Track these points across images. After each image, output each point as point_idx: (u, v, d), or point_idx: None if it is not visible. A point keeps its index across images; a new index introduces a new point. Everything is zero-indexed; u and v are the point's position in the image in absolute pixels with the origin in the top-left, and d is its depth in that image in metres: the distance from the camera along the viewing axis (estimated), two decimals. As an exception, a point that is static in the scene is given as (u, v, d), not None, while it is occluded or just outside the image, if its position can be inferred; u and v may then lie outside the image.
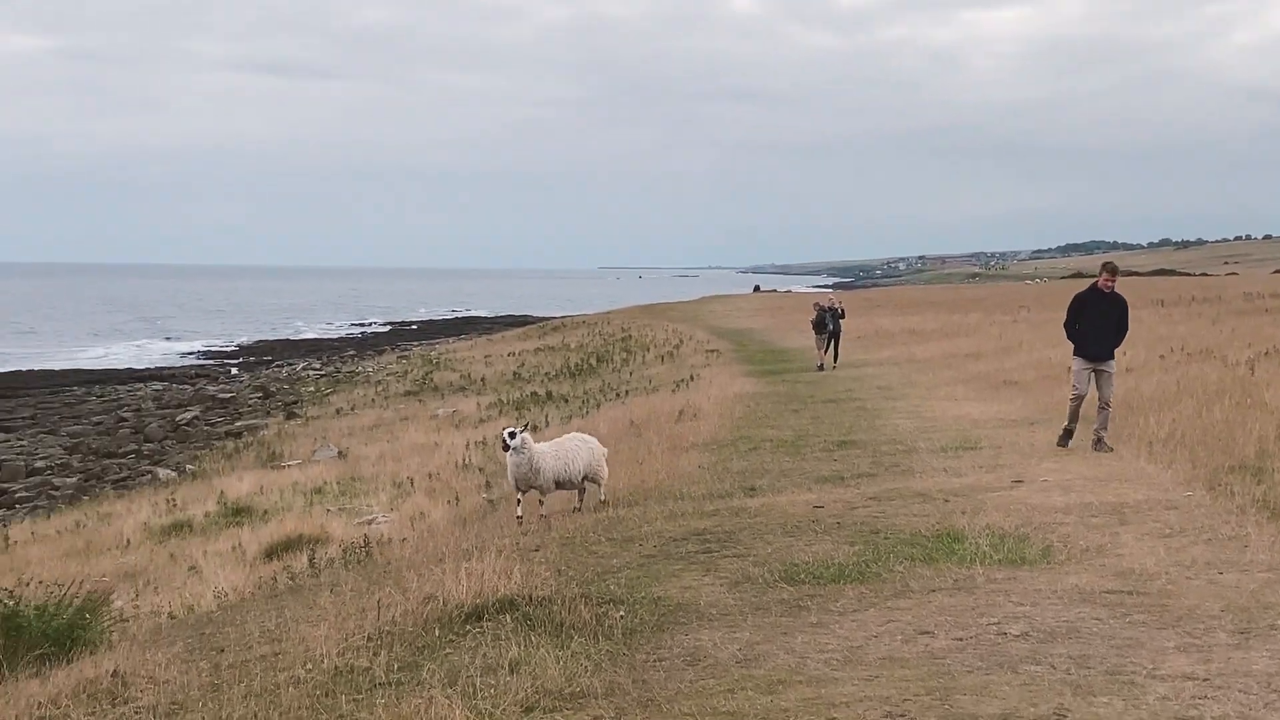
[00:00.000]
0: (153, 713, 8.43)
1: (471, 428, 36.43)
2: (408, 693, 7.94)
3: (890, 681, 7.65)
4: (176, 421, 56.30)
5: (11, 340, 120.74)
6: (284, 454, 37.02)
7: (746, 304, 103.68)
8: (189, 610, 15.15)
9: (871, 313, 69.21)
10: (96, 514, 29.17)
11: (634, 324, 77.46)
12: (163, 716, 8.31)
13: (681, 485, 16.21)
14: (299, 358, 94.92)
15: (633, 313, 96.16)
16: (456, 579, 10.13)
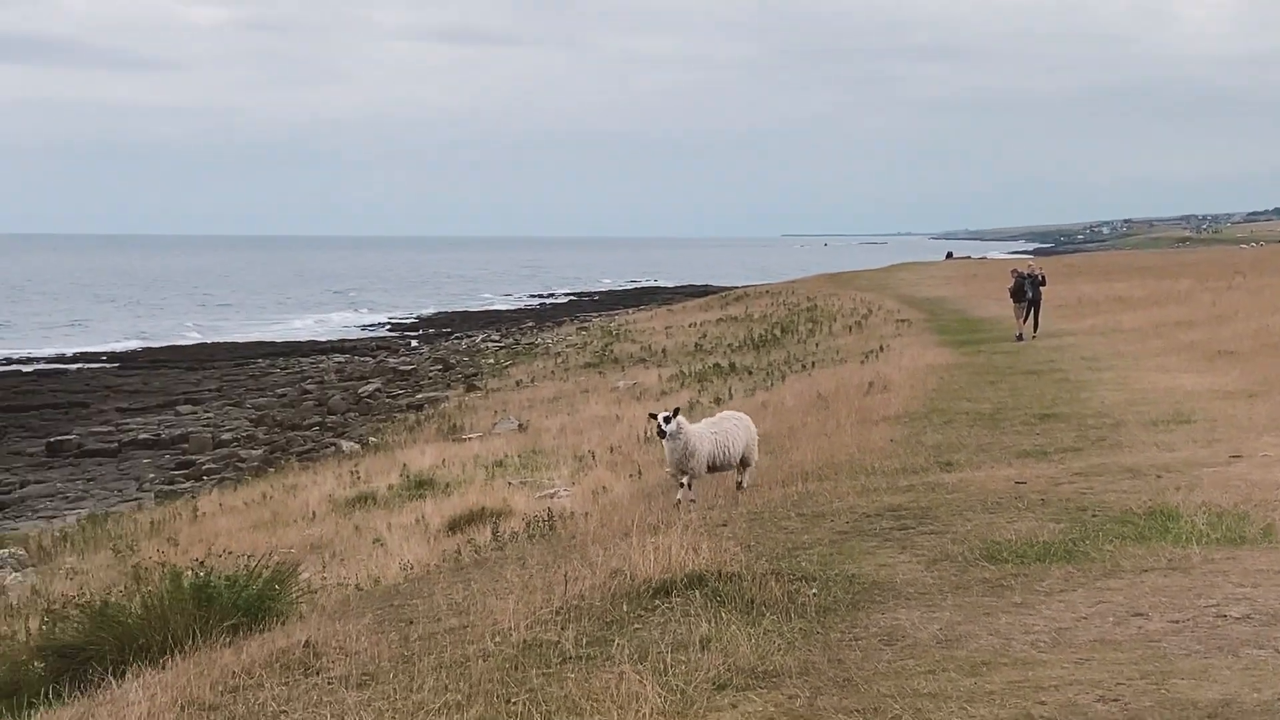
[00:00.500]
0: (345, 683, 8.64)
1: (653, 400, 36.58)
2: (598, 667, 8.03)
3: (1102, 665, 7.51)
4: (359, 394, 57.62)
5: (215, 313, 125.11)
6: (465, 426, 37.64)
7: (938, 271, 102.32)
8: (375, 582, 15.50)
9: (1073, 279, 67.81)
10: (282, 486, 30.00)
11: (819, 293, 77.03)
12: (354, 687, 8.51)
13: (873, 459, 16.09)
14: (478, 330, 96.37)
15: (818, 281, 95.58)
16: (643, 554, 10.19)
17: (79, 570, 22.87)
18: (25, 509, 38.59)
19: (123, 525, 28.03)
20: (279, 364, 77.26)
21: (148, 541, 24.48)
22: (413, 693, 8.11)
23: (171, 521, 27.12)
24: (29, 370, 75.54)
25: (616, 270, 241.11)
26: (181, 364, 77.77)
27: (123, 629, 12.16)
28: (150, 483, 41.40)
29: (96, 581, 20.43)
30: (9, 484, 42.51)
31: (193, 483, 39.47)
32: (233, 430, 51.30)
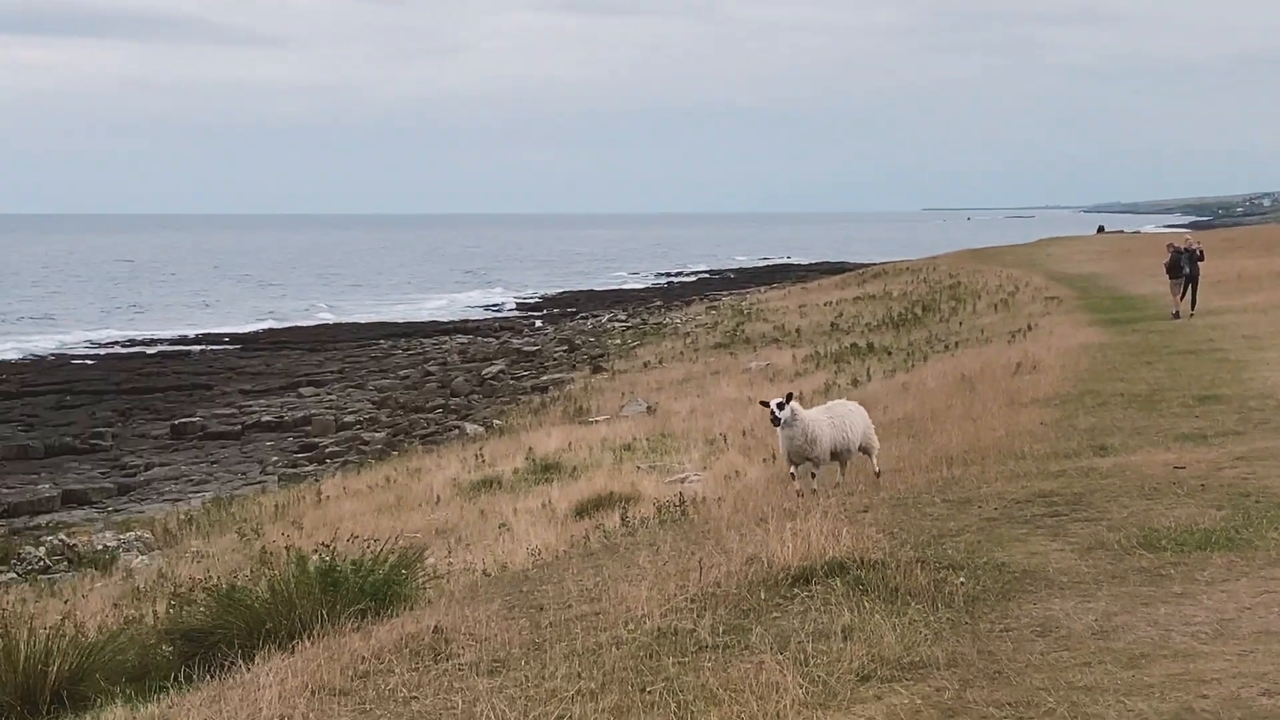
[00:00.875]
0: (475, 670, 8.74)
1: (787, 381, 36.47)
2: (735, 656, 8.03)
3: (1266, 657, 7.37)
4: (482, 375, 58.17)
5: (344, 293, 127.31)
6: (591, 409, 37.83)
7: (1089, 246, 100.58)
8: (503, 568, 15.65)
9: (1233, 254, 66.26)
10: (406, 469, 30.39)
11: (962, 269, 76.21)
12: (485, 674, 8.60)
13: (1022, 443, 15.89)
14: (604, 309, 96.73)
15: (961, 257, 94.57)
16: (780, 540, 10.16)
17: (205, 553, 23.38)
18: (150, 492, 39.53)
19: (247, 508, 28.59)
20: (401, 345, 78.25)
21: (272, 525, 24.97)
22: (545, 680, 8.18)
23: (295, 505, 27.61)
24: (153, 352, 77.27)
25: (748, 247, 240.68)
26: (303, 345, 79.09)
27: (250, 613, 12.40)
28: (273, 465, 42.20)
29: (222, 565, 20.87)
30: (134, 467, 43.58)
31: (316, 466, 40.16)
32: (355, 413, 52.08)
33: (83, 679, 12.07)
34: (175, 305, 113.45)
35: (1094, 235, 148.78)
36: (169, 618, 14.42)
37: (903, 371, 32.92)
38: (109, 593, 20.52)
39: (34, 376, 65.35)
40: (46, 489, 39.35)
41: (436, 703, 8.17)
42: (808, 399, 30.67)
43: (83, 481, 40.87)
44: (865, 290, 71.12)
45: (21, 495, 38.53)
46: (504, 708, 7.63)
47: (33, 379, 64.44)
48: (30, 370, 68.23)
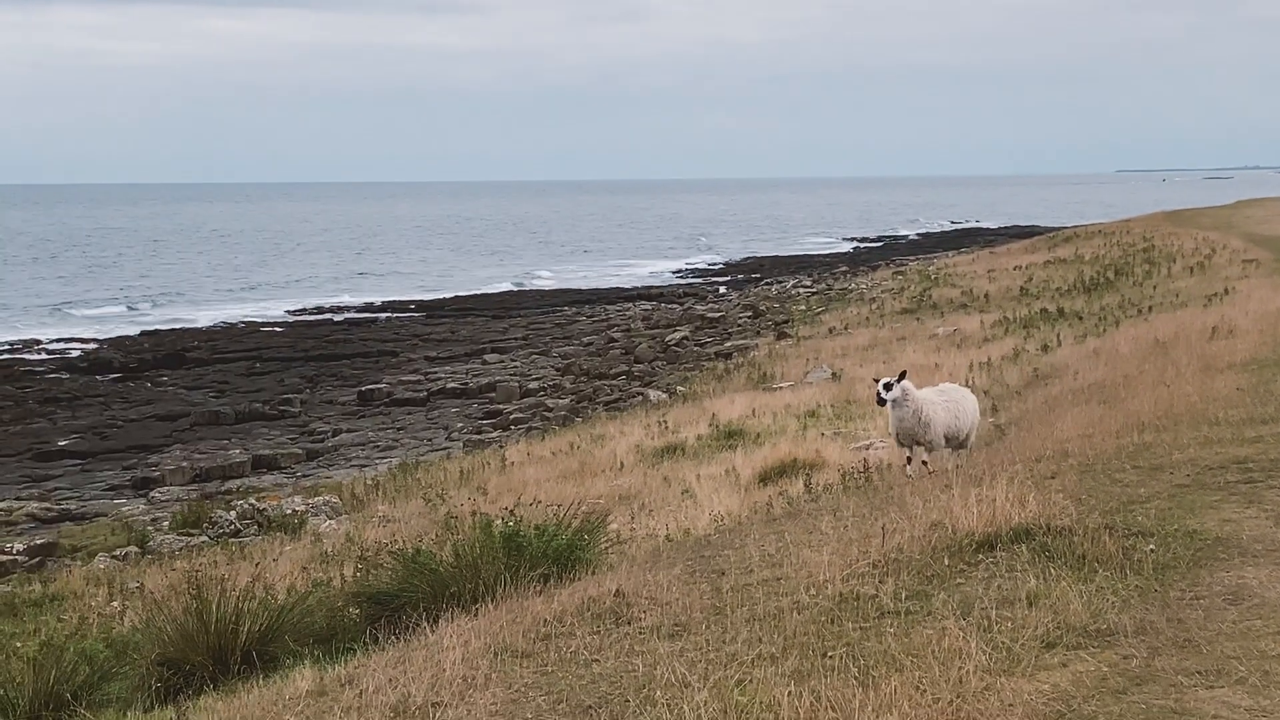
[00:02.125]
0: (656, 633, 8.85)
1: (975, 347, 36.08)
2: (918, 622, 8.03)
3: None
4: (666, 342, 58.45)
5: (562, 258, 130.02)
6: (775, 375, 37.80)
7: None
8: (685, 533, 15.76)
9: None
10: (589, 435, 30.69)
11: (1157, 232, 74.47)
12: (666, 638, 8.71)
13: (1216, 409, 15.53)
14: (788, 275, 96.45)
15: (1155, 220, 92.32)
16: (965, 506, 10.10)
17: (391, 518, 23.88)
18: (338, 457, 40.51)
19: (432, 474, 29.15)
20: (585, 312, 78.93)
21: (457, 490, 25.40)
22: (726, 644, 8.26)
23: (480, 470, 28.05)
24: (340, 320, 79.00)
25: (936, 211, 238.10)
26: (487, 312, 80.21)
27: (435, 576, 12.65)
28: (458, 431, 42.95)
29: (408, 529, 21.30)
30: (322, 433, 44.69)
31: (500, 432, 40.77)
32: (539, 379, 52.72)
33: (272, 640, 12.44)
34: (420, 273, 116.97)
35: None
36: (356, 581, 14.78)
37: (1094, 337, 32.35)
38: (297, 556, 21.07)
39: (225, 343, 67.27)
40: (237, 454, 40.57)
41: (617, 665, 8.30)
42: (996, 364, 30.40)
43: (272, 447, 42.03)
44: (1055, 254, 69.85)
45: (213, 460, 39.78)
46: (684, 671, 7.73)
47: (224, 345, 66.35)
48: (221, 337, 70.24)
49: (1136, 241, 69.30)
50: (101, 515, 32.83)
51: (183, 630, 12.50)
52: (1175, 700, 6.61)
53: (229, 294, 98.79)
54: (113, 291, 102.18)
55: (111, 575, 21.65)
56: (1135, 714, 6.50)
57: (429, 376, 55.95)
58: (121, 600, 18.91)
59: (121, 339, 70.36)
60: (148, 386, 56.22)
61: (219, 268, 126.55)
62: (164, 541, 25.16)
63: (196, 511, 27.29)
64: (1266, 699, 6.53)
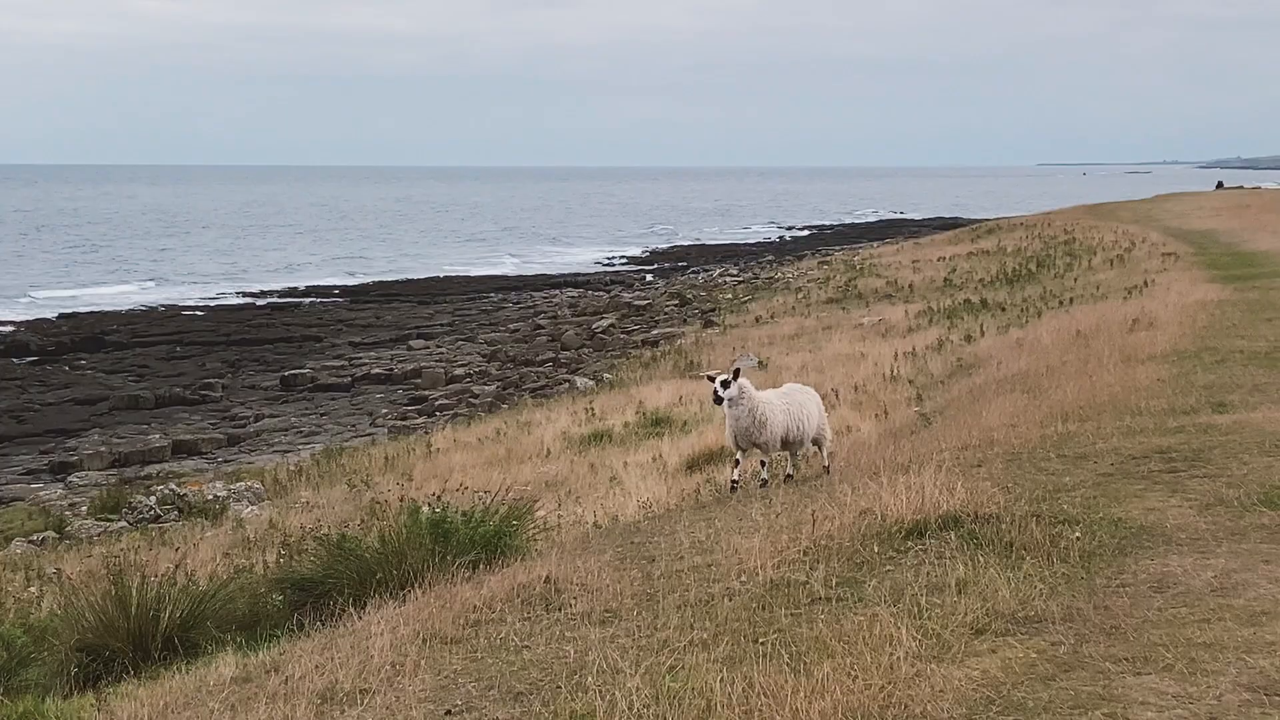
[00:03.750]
0: (587, 620, 8.84)
1: (900, 337, 36.30)
2: (849, 609, 8.06)
3: (1394, 617, 7.26)
4: (592, 329, 58.43)
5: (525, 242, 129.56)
6: (702, 363, 37.87)
7: (1207, 202, 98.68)
8: (614, 520, 15.74)
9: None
10: (516, 422, 30.63)
11: (1078, 225, 75.15)
12: (597, 624, 8.69)
13: (1138, 399, 15.70)
14: (714, 263, 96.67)
15: (1076, 213, 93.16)
16: (894, 493, 10.16)
17: (314, 504, 23.73)
18: (260, 443, 40.19)
19: (357, 460, 28.98)
20: (512, 298, 78.75)
21: (382, 476, 25.29)
22: (657, 630, 8.26)
23: (405, 457, 27.93)
24: (262, 304, 78.35)
25: (859, 202, 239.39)
26: (413, 298, 79.81)
27: (360, 562, 12.58)
28: (383, 418, 42.73)
29: (332, 516, 21.18)
30: (244, 418, 44.32)
31: (425, 418, 40.60)
32: (465, 365, 52.55)
33: (194, 626, 12.33)
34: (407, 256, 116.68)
35: (1212, 191, 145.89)
36: (279, 567, 14.68)
37: (1017, 328, 32.60)
38: (219, 542, 20.89)
39: (145, 327, 66.54)
40: (157, 439, 40.16)
41: (549, 651, 8.27)
42: (920, 354, 30.58)
43: (192, 432, 41.64)
44: (979, 246, 70.37)
45: (132, 445, 39.36)
46: (616, 657, 7.72)
47: (144, 329, 65.63)
48: (141, 321, 69.47)
49: (1058, 234, 69.93)
50: (18, 500, 32.38)
51: (102, 616, 12.36)
52: (1103, 687, 6.66)
53: (149, 278, 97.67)
54: (31, 275, 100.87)
55: (28, 560, 21.35)
56: (1064, 700, 6.55)
57: (353, 362, 55.62)
58: (39, 585, 18.63)
59: (39, 321, 69.42)
60: (65, 370, 55.49)
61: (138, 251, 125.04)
62: (82, 527, 24.85)
63: (115, 497, 26.98)
64: (1193, 685, 6.59)
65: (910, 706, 6.48)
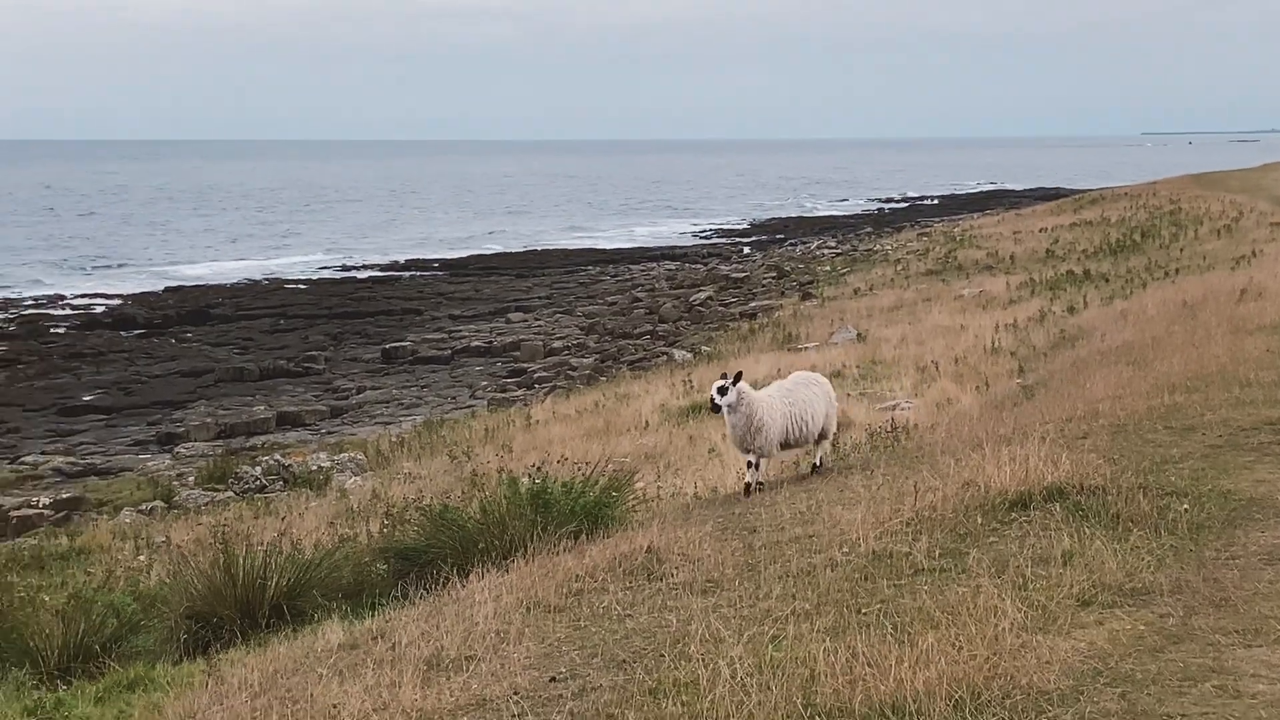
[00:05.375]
0: (689, 589, 8.87)
1: (1000, 309, 35.97)
2: (952, 580, 8.02)
3: None
4: (690, 302, 58.37)
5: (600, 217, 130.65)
6: (800, 335, 37.76)
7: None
8: (713, 491, 15.76)
9: None
10: (614, 394, 30.70)
11: (1183, 195, 74.06)
12: (699, 593, 8.72)
13: (1248, 371, 15.44)
14: (813, 236, 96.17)
15: (1181, 182, 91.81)
16: (997, 465, 10.08)
17: (416, 475, 23.92)
18: (363, 415, 40.57)
19: (457, 431, 29.17)
20: (609, 271, 78.85)
21: (482, 448, 25.44)
22: (759, 600, 8.27)
23: (505, 428, 28.08)
24: (364, 277, 79.04)
25: (959, 174, 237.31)
26: (511, 271, 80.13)
27: (462, 532, 12.69)
28: (482, 390, 42.96)
29: (434, 486, 21.34)
30: (346, 390, 44.76)
31: (524, 390, 40.77)
32: (563, 338, 52.71)
33: (300, 594, 12.51)
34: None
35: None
36: (382, 536, 14.84)
37: (1121, 299, 32.21)
38: (323, 512, 21.12)
39: (248, 300, 67.39)
40: (262, 410, 40.64)
41: (651, 620, 8.31)
42: (1022, 326, 30.29)
43: (296, 404, 42.11)
44: (1082, 216, 69.51)
45: (237, 416, 39.86)
46: (719, 626, 7.74)
47: (247, 302, 66.46)
48: (245, 294, 70.36)
49: (1163, 204, 68.95)
50: (127, 470, 32.96)
51: (211, 584, 12.57)
52: (1213, 659, 6.59)
53: (254, 251, 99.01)
54: (139, 246, 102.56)
55: (138, 529, 21.74)
56: (1172, 672, 6.48)
57: (453, 335, 55.95)
58: (148, 554, 18.99)
59: (145, 295, 70.49)
60: (172, 343, 56.32)
61: (245, 225, 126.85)
62: (189, 497, 25.25)
63: (222, 467, 27.36)
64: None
65: (1016, 678, 6.44)
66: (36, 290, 73.92)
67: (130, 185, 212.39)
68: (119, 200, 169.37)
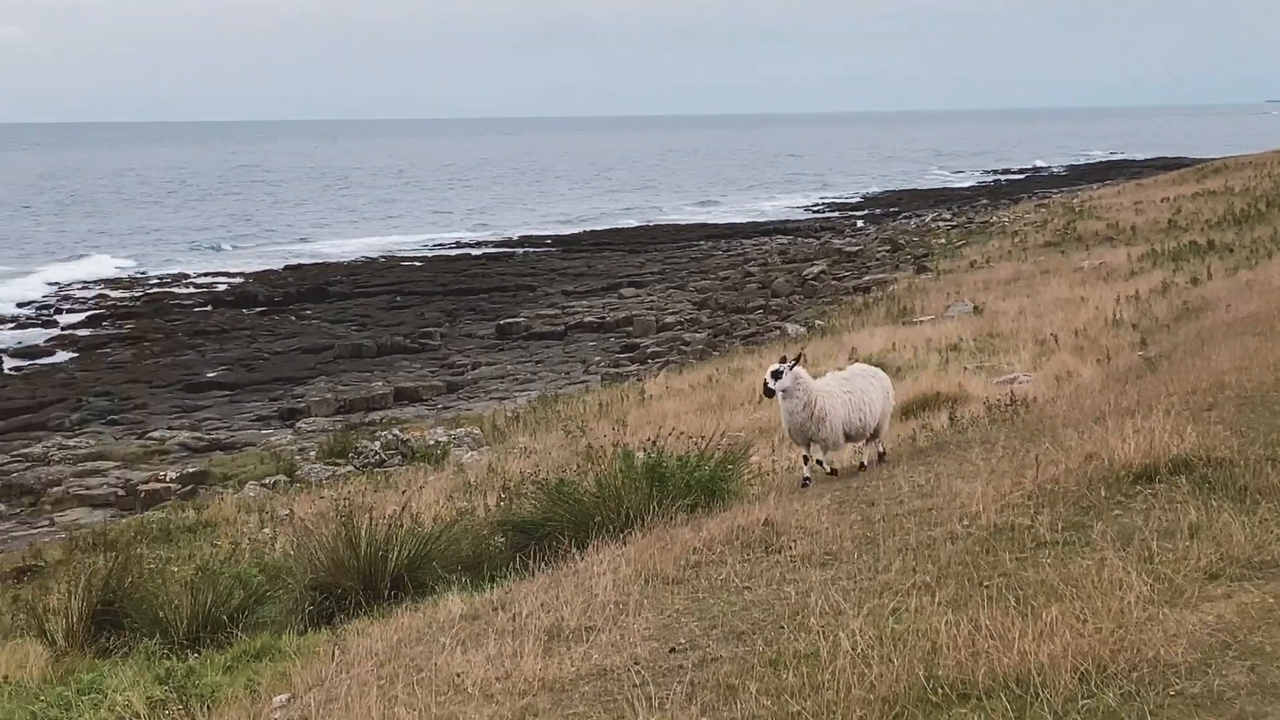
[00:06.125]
0: (807, 562, 8.85)
1: (1121, 281, 35.45)
2: (1076, 553, 7.92)
3: None
4: (803, 276, 58.16)
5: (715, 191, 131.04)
6: (915, 309, 37.47)
7: None
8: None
9: None
10: (727, 369, 30.69)
11: (1311, 164, 72.49)
12: (817, 566, 8.70)
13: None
14: (927, 209, 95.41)
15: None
16: (1121, 438, 9.94)
17: (532, 449, 24.08)
18: (478, 390, 40.94)
19: (572, 406, 29.33)
20: (721, 246, 78.75)
21: (596, 422, 25.55)
22: (879, 573, 8.23)
23: (619, 403, 28.18)
24: (477, 254, 79.60)
25: (1076, 143, 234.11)
26: (623, 247, 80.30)
27: (578, 506, 12.76)
28: (596, 365, 43.19)
29: (549, 460, 21.47)
30: (462, 366, 45.20)
31: (637, 365, 40.93)
32: (676, 313, 52.78)
33: (420, 566, 12.66)
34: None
35: None
36: (500, 510, 14.97)
37: (1246, 269, 31.62)
38: (441, 486, 21.33)
39: (366, 277, 68.16)
40: (379, 386, 41.17)
41: (769, 592, 8.31)
42: (1144, 298, 29.84)
43: (413, 379, 42.60)
44: (1204, 186, 68.25)
45: (356, 392, 40.43)
46: (838, 598, 7.71)
47: (365, 280, 67.22)
48: (362, 271, 71.16)
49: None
50: (250, 445, 33.56)
51: (333, 556, 12.75)
52: (1345, 633, 6.46)
53: (373, 228, 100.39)
54: (257, 225, 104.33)
55: (261, 502, 22.11)
56: (1303, 646, 6.37)
57: (566, 310, 56.25)
58: (272, 527, 19.32)
59: (266, 273, 71.59)
60: (292, 320, 57.22)
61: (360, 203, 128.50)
62: (311, 470, 25.63)
63: (342, 442, 27.75)
64: None
65: (1142, 650, 6.35)
66: (160, 269, 75.36)
67: (262, 164, 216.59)
68: (253, 180, 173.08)
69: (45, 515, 26.82)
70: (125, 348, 51.15)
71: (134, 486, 27.55)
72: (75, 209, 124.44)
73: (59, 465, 31.57)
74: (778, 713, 6.35)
